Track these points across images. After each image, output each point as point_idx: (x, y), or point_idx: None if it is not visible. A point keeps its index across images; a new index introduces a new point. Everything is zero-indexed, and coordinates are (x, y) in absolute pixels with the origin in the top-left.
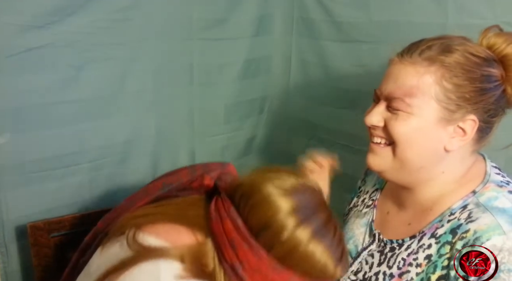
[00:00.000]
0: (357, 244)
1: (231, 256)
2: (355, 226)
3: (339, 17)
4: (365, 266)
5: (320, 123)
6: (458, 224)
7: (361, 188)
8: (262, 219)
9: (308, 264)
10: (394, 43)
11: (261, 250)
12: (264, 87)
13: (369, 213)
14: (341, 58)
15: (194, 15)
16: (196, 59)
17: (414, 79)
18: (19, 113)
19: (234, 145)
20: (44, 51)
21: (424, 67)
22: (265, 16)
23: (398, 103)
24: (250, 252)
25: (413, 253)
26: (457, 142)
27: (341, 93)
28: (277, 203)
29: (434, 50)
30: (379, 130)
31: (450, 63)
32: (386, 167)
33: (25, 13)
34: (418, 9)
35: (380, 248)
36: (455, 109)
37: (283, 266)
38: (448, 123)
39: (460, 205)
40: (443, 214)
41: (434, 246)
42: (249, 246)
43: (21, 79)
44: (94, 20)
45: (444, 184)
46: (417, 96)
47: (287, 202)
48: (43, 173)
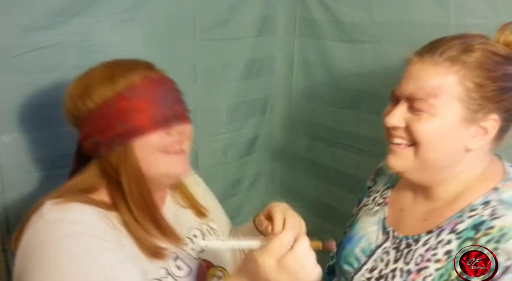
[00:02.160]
0: (371, 242)
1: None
2: (367, 225)
3: (342, 17)
4: (381, 263)
5: (323, 123)
6: (481, 220)
7: (372, 188)
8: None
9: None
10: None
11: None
12: (266, 87)
13: (380, 211)
14: (343, 58)
15: (197, 16)
16: (199, 59)
17: (436, 80)
18: (23, 112)
19: (236, 145)
20: (49, 51)
21: (446, 67)
22: (268, 16)
23: (421, 104)
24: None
25: (431, 249)
26: (478, 141)
27: (344, 93)
28: None
29: (455, 50)
30: (400, 131)
31: (472, 63)
32: (408, 167)
33: (30, 13)
34: (420, 10)
35: (395, 245)
36: (477, 109)
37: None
38: (470, 123)
39: (481, 201)
40: (463, 210)
41: (454, 242)
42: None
43: (26, 79)
44: (99, 20)
45: (464, 182)
46: (440, 97)
47: None
48: (47, 172)
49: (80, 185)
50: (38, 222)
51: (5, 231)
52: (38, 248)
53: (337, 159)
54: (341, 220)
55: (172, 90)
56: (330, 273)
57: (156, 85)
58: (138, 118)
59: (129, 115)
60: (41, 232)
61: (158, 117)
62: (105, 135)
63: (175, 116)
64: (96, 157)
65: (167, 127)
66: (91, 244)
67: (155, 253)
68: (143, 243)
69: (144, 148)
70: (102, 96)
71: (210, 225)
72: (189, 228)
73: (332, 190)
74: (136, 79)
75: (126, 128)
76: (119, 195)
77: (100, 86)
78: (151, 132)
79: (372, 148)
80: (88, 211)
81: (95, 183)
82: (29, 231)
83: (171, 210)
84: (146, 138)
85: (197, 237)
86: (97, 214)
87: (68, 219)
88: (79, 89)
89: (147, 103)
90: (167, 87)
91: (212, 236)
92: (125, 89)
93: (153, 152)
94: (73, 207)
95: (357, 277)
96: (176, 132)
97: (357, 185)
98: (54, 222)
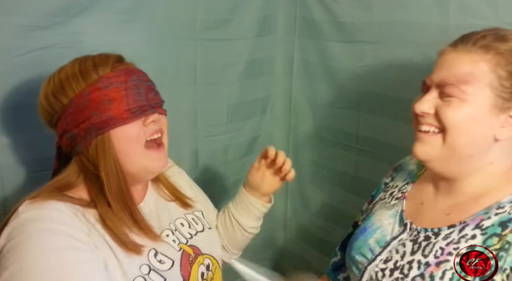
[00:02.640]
0: (386, 234)
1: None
2: (383, 217)
3: (342, 17)
4: (396, 255)
5: (323, 123)
6: (509, 217)
7: (389, 183)
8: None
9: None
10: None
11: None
12: (266, 87)
13: (398, 205)
14: (343, 58)
15: (198, 16)
16: (199, 59)
17: (469, 67)
18: (23, 113)
19: (236, 145)
20: (49, 52)
21: (479, 54)
22: (268, 16)
23: (452, 89)
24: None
25: (453, 243)
26: (507, 131)
27: (344, 93)
28: None
29: (488, 39)
30: (429, 117)
31: (506, 51)
32: (435, 156)
33: (30, 14)
34: (420, 10)
35: (413, 237)
36: (509, 97)
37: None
38: (501, 112)
39: (510, 199)
40: (490, 207)
41: (479, 237)
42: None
43: (26, 79)
44: (99, 21)
45: (492, 176)
46: (472, 83)
47: None
48: (47, 172)
49: (58, 183)
50: (14, 220)
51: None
52: (12, 246)
53: (337, 159)
54: (341, 220)
55: (145, 81)
56: (335, 269)
57: (128, 76)
58: (113, 108)
59: (104, 105)
60: (16, 230)
61: (133, 106)
62: (81, 128)
63: (150, 105)
64: (74, 154)
65: (143, 116)
66: (59, 240)
67: (133, 248)
68: (120, 237)
69: (121, 138)
70: (75, 90)
71: (195, 214)
72: (174, 218)
73: (332, 190)
74: (107, 70)
75: (102, 118)
76: (97, 189)
77: (73, 81)
78: (127, 121)
79: (372, 148)
80: (62, 207)
81: (73, 180)
82: (6, 229)
83: (151, 203)
84: (123, 128)
85: (183, 226)
86: (72, 211)
87: (40, 216)
88: (51, 86)
89: (120, 93)
90: (139, 77)
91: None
92: (97, 81)
93: (130, 143)
94: (47, 204)
95: (370, 267)
96: (152, 122)
97: (357, 185)
98: (28, 220)
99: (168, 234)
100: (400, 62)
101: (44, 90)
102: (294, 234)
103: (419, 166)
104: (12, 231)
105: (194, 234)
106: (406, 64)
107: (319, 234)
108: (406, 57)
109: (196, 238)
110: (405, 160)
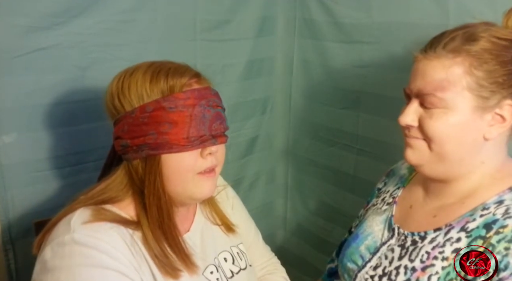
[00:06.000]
0: (376, 240)
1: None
2: (374, 223)
3: (341, 18)
4: (385, 261)
5: (322, 123)
6: (493, 219)
7: (381, 189)
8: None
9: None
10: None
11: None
12: (266, 88)
13: (388, 210)
14: (343, 58)
15: (198, 16)
16: (199, 60)
17: (442, 73)
18: (25, 112)
19: (236, 145)
20: (50, 52)
21: (449, 59)
22: (268, 17)
23: (431, 99)
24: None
25: (438, 246)
26: (497, 129)
27: (343, 94)
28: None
29: (457, 41)
30: (413, 130)
31: (477, 51)
32: (425, 160)
33: (31, 14)
34: (420, 10)
35: (401, 242)
36: (489, 95)
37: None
38: (484, 111)
39: (495, 200)
40: (476, 209)
41: (464, 240)
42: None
43: (28, 79)
44: (99, 21)
45: (482, 176)
46: (448, 88)
47: None
48: (48, 172)
49: (107, 194)
50: (65, 237)
51: (6, 232)
52: (58, 266)
53: (336, 159)
54: (340, 220)
55: (214, 106)
56: (330, 275)
57: (198, 99)
58: (172, 133)
59: (164, 127)
60: (65, 250)
61: (193, 135)
62: (135, 142)
63: (212, 136)
64: (125, 159)
65: (201, 147)
66: (108, 277)
67: (170, 271)
68: (160, 259)
69: (171, 165)
70: (140, 100)
71: (240, 248)
72: (218, 251)
73: (331, 190)
74: (177, 89)
75: (157, 140)
76: (141, 207)
77: (140, 89)
78: (182, 150)
79: (371, 148)
80: (115, 235)
81: (122, 193)
82: (54, 240)
83: (197, 232)
84: (176, 155)
85: (227, 261)
86: (122, 237)
87: (95, 246)
88: (119, 87)
89: (184, 118)
90: (209, 102)
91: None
92: (164, 99)
93: (180, 172)
94: (101, 229)
95: (360, 275)
96: (209, 154)
97: (357, 185)
98: (81, 244)
99: (212, 271)
100: (399, 62)
101: (111, 88)
102: (293, 233)
103: (410, 170)
104: (58, 248)
105: (236, 273)
106: (405, 64)
107: (318, 233)
108: (406, 57)
109: (236, 278)
110: (397, 165)
